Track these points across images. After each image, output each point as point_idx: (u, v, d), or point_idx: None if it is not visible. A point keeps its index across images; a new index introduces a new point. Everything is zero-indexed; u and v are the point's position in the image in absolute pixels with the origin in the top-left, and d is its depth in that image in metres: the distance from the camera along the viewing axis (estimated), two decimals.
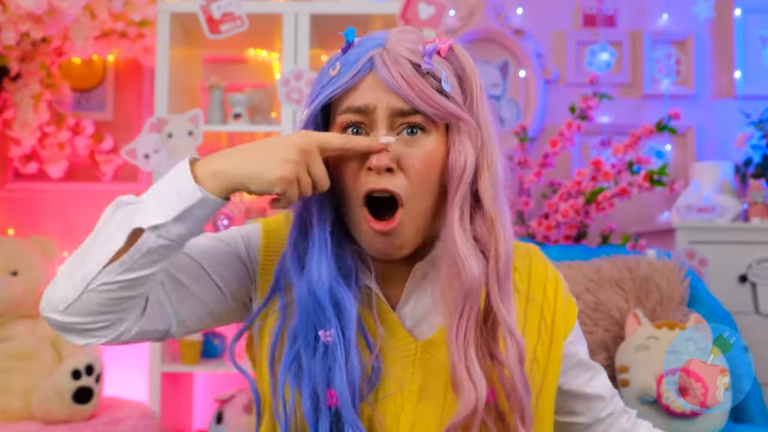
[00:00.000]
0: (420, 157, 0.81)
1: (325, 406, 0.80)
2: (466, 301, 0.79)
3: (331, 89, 0.82)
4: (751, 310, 2.38)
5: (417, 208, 0.82)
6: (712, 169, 2.60)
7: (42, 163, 2.70)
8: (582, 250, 2.35)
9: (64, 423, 2.13)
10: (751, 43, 2.83)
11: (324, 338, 0.81)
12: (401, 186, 0.81)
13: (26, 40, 2.44)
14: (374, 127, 0.82)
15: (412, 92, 0.79)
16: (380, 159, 0.80)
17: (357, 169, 0.82)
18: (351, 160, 0.82)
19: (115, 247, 0.74)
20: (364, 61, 0.82)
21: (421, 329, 0.88)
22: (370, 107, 0.81)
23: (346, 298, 0.82)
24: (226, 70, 2.80)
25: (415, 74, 0.80)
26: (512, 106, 2.88)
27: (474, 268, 0.79)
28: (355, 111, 0.82)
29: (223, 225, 2.40)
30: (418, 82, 0.80)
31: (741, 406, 2.06)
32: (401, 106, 0.80)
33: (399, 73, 0.80)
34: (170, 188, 0.76)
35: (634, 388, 1.88)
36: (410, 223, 0.82)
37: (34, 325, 2.33)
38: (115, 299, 0.76)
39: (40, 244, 2.49)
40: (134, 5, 2.45)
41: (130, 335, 0.81)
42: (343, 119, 0.83)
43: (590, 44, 2.82)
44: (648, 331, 1.95)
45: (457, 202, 0.81)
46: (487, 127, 0.85)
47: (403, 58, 0.81)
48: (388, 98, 0.81)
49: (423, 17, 2.25)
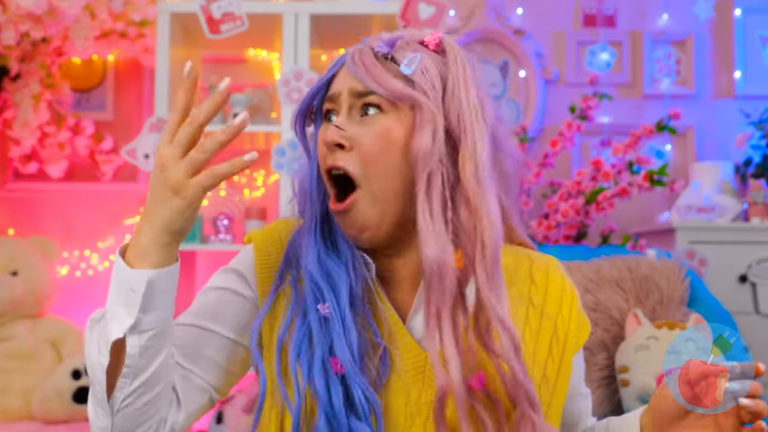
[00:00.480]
0: (370, 135, 0.82)
1: (333, 375, 0.80)
2: (429, 285, 0.78)
3: (315, 85, 0.90)
4: (751, 310, 2.38)
5: (376, 190, 0.82)
6: (712, 169, 2.60)
7: (42, 163, 2.70)
8: (582, 250, 2.35)
9: (64, 423, 2.13)
10: (751, 43, 2.83)
11: (322, 311, 0.82)
12: (353, 163, 0.82)
13: (26, 40, 2.44)
14: (339, 112, 0.87)
15: (367, 74, 0.83)
16: (330, 134, 0.83)
17: (322, 155, 0.86)
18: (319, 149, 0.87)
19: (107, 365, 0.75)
20: (340, 57, 0.89)
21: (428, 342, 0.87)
22: (336, 94, 0.86)
23: (335, 272, 0.84)
24: (226, 70, 2.80)
25: (373, 60, 0.85)
26: (512, 106, 2.88)
27: (431, 249, 0.78)
28: (329, 99, 0.88)
29: (223, 225, 2.40)
30: (373, 66, 0.84)
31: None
32: (358, 87, 0.84)
33: (360, 60, 0.85)
34: (121, 287, 0.75)
35: (634, 388, 1.88)
36: (370, 206, 0.82)
37: (34, 325, 2.33)
38: (142, 406, 0.77)
39: (40, 244, 2.49)
40: (134, 5, 2.45)
41: (181, 424, 0.83)
42: (325, 107, 0.89)
43: (590, 44, 2.82)
44: (648, 331, 1.95)
45: (421, 186, 0.80)
46: (467, 118, 0.83)
47: (368, 47, 0.87)
48: (350, 82, 0.85)
49: (423, 17, 2.25)
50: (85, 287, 2.74)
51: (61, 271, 2.72)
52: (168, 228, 0.75)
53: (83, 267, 2.76)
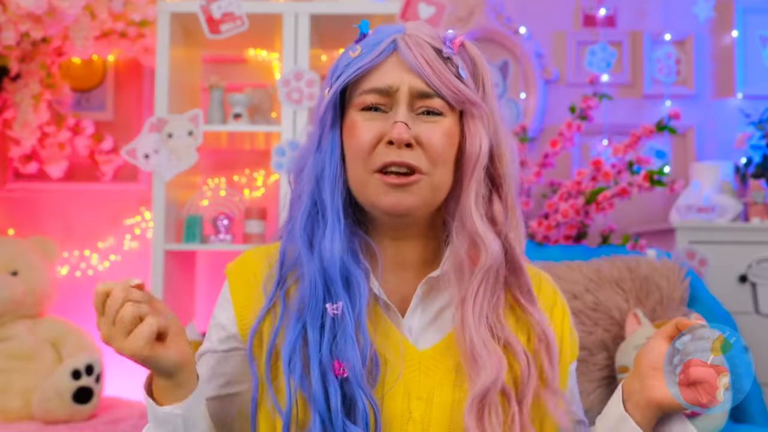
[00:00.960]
0: (439, 134, 0.84)
1: (333, 378, 0.80)
2: (483, 278, 0.83)
3: (354, 68, 0.84)
4: (751, 310, 2.38)
5: (435, 180, 0.84)
6: (712, 169, 2.60)
7: (42, 163, 2.70)
8: (582, 250, 2.35)
9: (64, 423, 2.13)
10: (751, 43, 2.84)
11: (331, 311, 0.82)
12: (420, 160, 0.83)
13: (26, 40, 2.44)
14: (394, 108, 0.84)
15: (434, 75, 0.82)
16: (401, 133, 0.81)
17: (373, 144, 0.84)
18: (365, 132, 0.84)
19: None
20: (388, 42, 0.84)
21: (423, 340, 0.89)
22: (393, 88, 0.83)
23: (357, 274, 0.84)
24: (226, 70, 2.80)
25: (437, 58, 0.83)
26: (512, 106, 2.88)
27: (494, 245, 0.83)
28: (378, 92, 0.84)
29: (223, 225, 2.40)
30: (440, 66, 0.83)
31: (741, 406, 2.06)
32: (423, 88, 0.83)
33: (422, 56, 0.83)
34: (159, 422, 0.82)
35: None
36: (427, 190, 0.84)
37: (34, 325, 2.33)
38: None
39: (40, 244, 2.49)
40: (134, 5, 2.45)
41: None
42: (364, 99, 0.85)
43: (590, 44, 2.82)
44: (648, 331, 1.95)
45: (473, 185, 0.84)
46: (499, 117, 0.88)
47: (425, 42, 0.84)
48: (411, 79, 0.83)
49: (423, 17, 2.25)
50: (85, 287, 2.74)
51: (61, 271, 2.72)
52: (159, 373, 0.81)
53: (83, 267, 2.76)
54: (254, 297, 0.89)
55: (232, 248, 2.37)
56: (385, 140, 0.82)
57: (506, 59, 2.90)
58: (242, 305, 0.90)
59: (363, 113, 0.85)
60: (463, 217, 0.84)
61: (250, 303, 0.89)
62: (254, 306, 0.89)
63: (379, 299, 0.87)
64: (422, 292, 0.89)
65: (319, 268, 0.83)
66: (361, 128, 0.84)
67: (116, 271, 2.77)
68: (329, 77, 0.89)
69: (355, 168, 0.85)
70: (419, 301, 0.89)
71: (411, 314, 0.88)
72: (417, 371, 0.85)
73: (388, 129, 0.82)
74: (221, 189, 2.67)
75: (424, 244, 0.90)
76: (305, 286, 0.84)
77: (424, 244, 0.90)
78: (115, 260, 2.77)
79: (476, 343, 0.81)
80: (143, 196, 2.76)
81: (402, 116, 0.82)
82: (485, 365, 0.80)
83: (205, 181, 2.77)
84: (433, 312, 0.90)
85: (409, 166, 0.82)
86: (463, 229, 0.84)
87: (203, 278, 2.71)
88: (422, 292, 0.89)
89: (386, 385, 0.84)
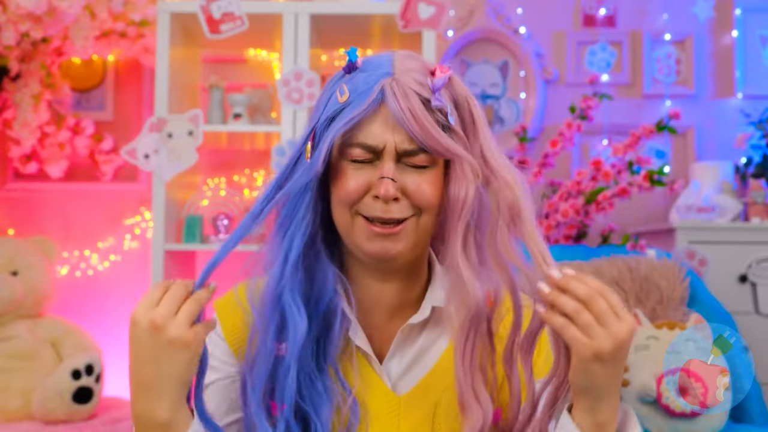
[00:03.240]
0: (426, 184, 0.84)
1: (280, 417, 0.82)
2: (471, 325, 0.82)
3: (344, 121, 0.83)
4: (751, 310, 2.38)
5: (420, 222, 0.85)
6: (712, 169, 2.60)
7: (42, 163, 2.69)
8: (582, 250, 2.35)
9: (64, 423, 2.13)
10: (751, 43, 2.83)
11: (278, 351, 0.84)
12: (406, 210, 0.83)
13: (26, 40, 2.44)
14: (381, 162, 0.84)
15: (420, 131, 0.81)
16: (387, 189, 0.81)
17: (360, 195, 0.84)
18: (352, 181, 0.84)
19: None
20: (376, 92, 0.82)
21: (402, 384, 0.90)
22: (379, 147, 0.83)
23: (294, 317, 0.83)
24: (226, 70, 2.80)
25: (423, 110, 0.81)
26: (512, 106, 2.88)
27: (478, 291, 0.81)
28: (366, 148, 0.83)
29: (223, 225, 2.40)
30: (425, 120, 0.81)
31: (741, 406, 2.06)
32: (408, 147, 0.82)
33: (408, 109, 0.81)
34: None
35: (634, 388, 1.88)
36: (411, 233, 0.85)
37: (34, 325, 2.33)
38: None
39: (40, 244, 2.49)
40: (134, 5, 2.45)
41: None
42: (354, 153, 0.84)
43: (590, 44, 2.82)
44: (648, 331, 1.95)
45: (460, 231, 0.82)
46: (492, 152, 0.85)
47: (412, 91, 0.82)
48: (397, 137, 0.82)
49: (423, 17, 2.25)
50: (85, 287, 2.74)
51: (61, 271, 2.72)
52: (183, 384, 0.78)
53: (83, 267, 2.76)
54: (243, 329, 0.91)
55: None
56: (372, 194, 0.83)
57: (506, 59, 2.90)
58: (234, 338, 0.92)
59: (352, 163, 0.85)
60: (452, 263, 0.83)
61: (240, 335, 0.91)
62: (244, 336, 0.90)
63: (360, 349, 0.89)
64: (401, 338, 0.90)
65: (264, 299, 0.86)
66: (350, 177, 0.84)
67: (116, 271, 2.77)
68: (313, 115, 0.88)
69: (341, 212, 0.86)
70: (398, 347, 0.90)
71: (389, 360, 0.90)
72: (397, 417, 0.88)
73: (375, 182, 0.83)
74: (221, 189, 2.67)
75: (407, 287, 0.91)
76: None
77: (406, 287, 0.91)
78: (115, 260, 2.77)
79: (465, 394, 0.81)
80: (143, 196, 2.76)
81: (388, 172, 0.82)
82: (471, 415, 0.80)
83: (205, 181, 2.77)
84: (412, 355, 0.91)
85: (396, 220, 0.83)
86: (450, 276, 0.84)
87: None
88: (401, 338, 0.90)
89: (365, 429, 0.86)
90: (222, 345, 0.92)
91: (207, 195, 2.59)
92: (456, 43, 2.85)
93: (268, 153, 2.35)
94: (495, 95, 2.89)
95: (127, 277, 2.75)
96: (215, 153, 2.78)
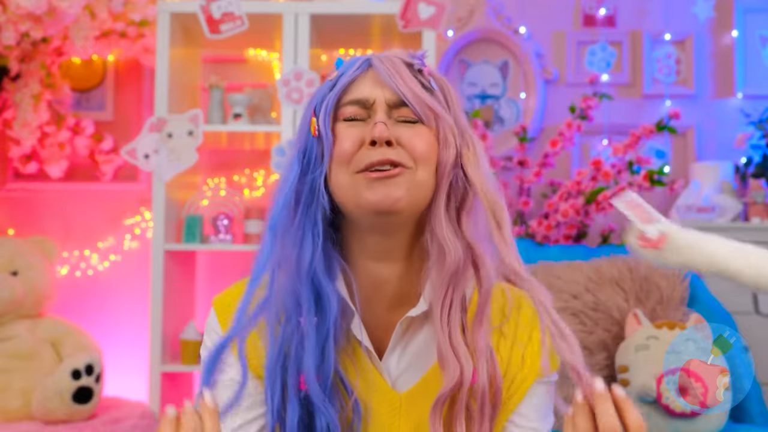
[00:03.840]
0: (419, 136, 0.86)
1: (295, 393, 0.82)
2: (449, 283, 0.84)
3: (340, 86, 0.88)
4: (751, 310, 2.38)
5: (417, 176, 0.85)
6: (712, 169, 2.60)
7: (42, 163, 2.70)
8: (582, 250, 2.35)
9: (64, 423, 2.13)
10: (751, 43, 2.83)
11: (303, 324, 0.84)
12: (402, 156, 0.84)
13: (26, 40, 2.44)
14: (372, 116, 0.87)
15: (405, 87, 0.86)
16: (382, 131, 0.83)
17: (355, 149, 0.85)
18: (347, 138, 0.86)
19: None
20: (362, 61, 0.89)
21: (403, 381, 0.90)
22: (370, 100, 0.87)
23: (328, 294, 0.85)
24: (226, 70, 2.80)
25: (407, 72, 0.87)
26: (512, 106, 2.88)
27: (458, 249, 0.84)
28: (357, 103, 0.87)
29: (223, 225, 2.40)
30: (408, 79, 0.87)
31: (741, 406, 2.06)
32: (397, 99, 0.86)
33: (394, 68, 0.87)
34: None
35: (634, 388, 1.88)
36: (410, 183, 0.85)
37: (34, 325, 2.33)
38: None
39: (40, 244, 2.49)
40: (134, 5, 2.45)
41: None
42: (344, 111, 0.87)
43: (590, 44, 2.82)
44: (648, 331, 1.95)
45: (443, 191, 0.86)
46: (468, 131, 0.90)
47: (397, 58, 0.89)
48: (385, 92, 0.87)
49: (423, 17, 2.25)
50: (85, 287, 2.74)
51: (61, 271, 2.72)
52: None
53: (83, 267, 2.76)
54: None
55: (232, 248, 2.37)
56: (367, 141, 0.84)
57: (506, 59, 2.90)
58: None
59: (344, 122, 0.87)
60: (433, 222, 0.85)
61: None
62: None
63: (361, 344, 0.89)
64: (401, 331, 0.90)
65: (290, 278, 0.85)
66: (343, 135, 0.86)
67: (116, 271, 2.77)
68: (311, 102, 0.91)
69: (337, 173, 0.86)
70: (397, 341, 0.90)
71: (389, 355, 0.90)
72: (397, 415, 0.88)
73: (368, 132, 0.85)
74: (221, 189, 2.67)
75: (406, 271, 0.90)
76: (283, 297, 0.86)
77: (406, 271, 0.90)
78: (115, 260, 2.77)
79: (443, 349, 0.83)
80: (143, 196, 2.76)
81: (381, 118, 0.85)
82: (449, 369, 0.82)
83: (205, 181, 2.77)
84: (412, 352, 0.91)
85: (392, 162, 0.83)
86: (434, 240, 0.85)
87: (203, 278, 2.71)
88: (401, 331, 0.90)
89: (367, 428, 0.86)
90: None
91: (207, 195, 2.59)
92: (456, 43, 2.85)
93: (268, 153, 2.35)
94: (495, 95, 2.89)
95: (127, 277, 2.75)
96: (215, 153, 2.78)
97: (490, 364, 0.86)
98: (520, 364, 0.90)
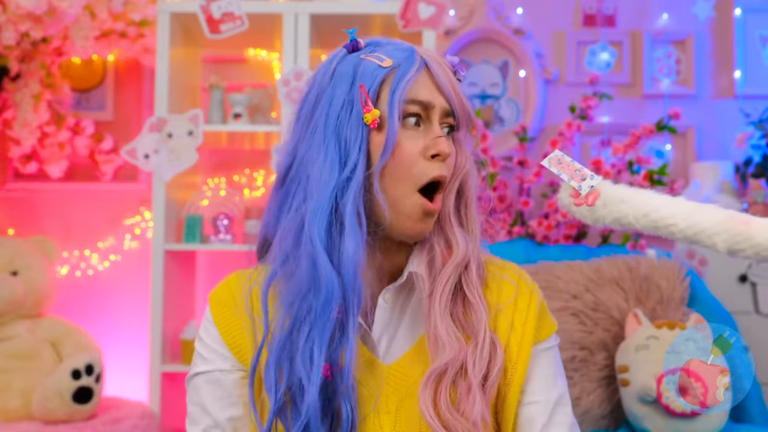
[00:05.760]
0: (451, 147, 0.90)
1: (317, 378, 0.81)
2: (453, 272, 0.88)
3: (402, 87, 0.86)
4: (751, 310, 2.38)
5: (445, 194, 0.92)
6: (712, 168, 2.60)
7: (42, 163, 2.70)
8: (582, 250, 2.35)
9: (64, 423, 2.13)
10: (751, 43, 2.83)
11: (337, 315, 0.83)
12: (447, 170, 0.90)
13: (26, 40, 2.44)
14: (429, 122, 0.89)
15: (457, 99, 0.90)
16: (448, 148, 0.88)
17: (413, 161, 0.86)
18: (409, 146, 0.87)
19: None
20: (418, 57, 0.90)
21: (389, 353, 0.90)
22: (432, 104, 0.88)
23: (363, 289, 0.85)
24: (226, 70, 2.80)
25: (455, 82, 0.91)
26: (512, 106, 2.88)
27: (465, 243, 0.90)
28: (420, 104, 0.88)
29: (223, 225, 2.40)
30: (458, 89, 0.91)
31: (741, 406, 2.06)
32: (449, 108, 0.90)
33: (448, 79, 0.90)
34: None
35: (634, 388, 1.88)
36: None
37: (34, 325, 2.33)
38: None
39: (40, 244, 2.49)
40: (134, 5, 2.45)
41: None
42: (408, 109, 0.87)
43: (590, 44, 2.82)
44: (648, 331, 1.95)
45: (454, 192, 0.92)
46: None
47: (446, 64, 0.92)
48: (440, 99, 0.89)
49: (423, 17, 2.25)
50: (85, 287, 2.74)
51: (61, 271, 2.72)
52: None
53: (83, 267, 2.76)
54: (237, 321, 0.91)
55: (231, 248, 2.37)
56: (429, 154, 0.87)
57: (506, 59, 2.90)
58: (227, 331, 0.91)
59: (404, 129, 0.86)
60: (442, 221, 0.91)
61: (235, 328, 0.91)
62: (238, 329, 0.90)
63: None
64: (388, 302, 0.90)
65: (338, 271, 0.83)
66: (406, 141, 0.86)
67: (116, 271, 2.77)
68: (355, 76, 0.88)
69: (393, 182, 0.85)
70: (383, 314, 0.90)
71: (377, 326, 0.90)
72: (386, 386, 0.88)
73: (428, 143, 0.87)
74: (221, 189, 2.67)
75: (395, 251, 0.92)
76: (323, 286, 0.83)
77: (394, 251, 0.91)
78: (115, 260, 2.77)
79: (440, 329, 0.85)
80: (143, 196, 2.76)
81: (440, 131, 0.88)
82: (445, 346, 0.85)
83: (205, 181, 2.77)
84: (396, 325, 0.91)
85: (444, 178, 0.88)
86: (440, 232, 0.91)
87: (203, 278, 2.71)
88: (388, 302, 0.90)
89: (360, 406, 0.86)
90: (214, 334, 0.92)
91: (207, 195, 2.59)
92: (456, 43, 2.85)
93: (268, 153, 2.35)
94: (495, 95, 2.89)
95: (127, 277, 2.75)
96: (215, 153, 2.78)
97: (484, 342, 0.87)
98: (508, 330, 0.91)
